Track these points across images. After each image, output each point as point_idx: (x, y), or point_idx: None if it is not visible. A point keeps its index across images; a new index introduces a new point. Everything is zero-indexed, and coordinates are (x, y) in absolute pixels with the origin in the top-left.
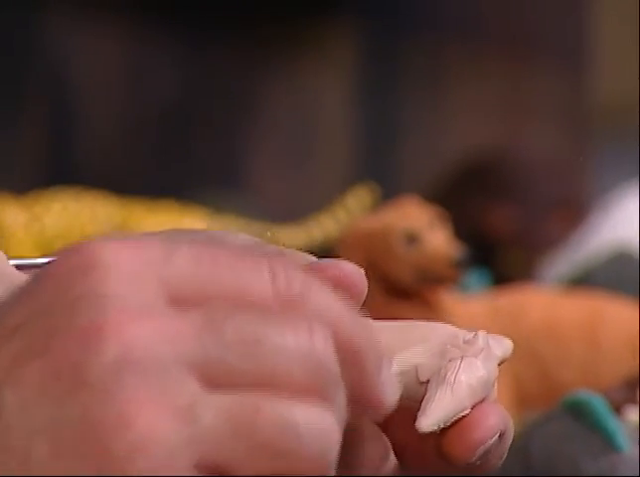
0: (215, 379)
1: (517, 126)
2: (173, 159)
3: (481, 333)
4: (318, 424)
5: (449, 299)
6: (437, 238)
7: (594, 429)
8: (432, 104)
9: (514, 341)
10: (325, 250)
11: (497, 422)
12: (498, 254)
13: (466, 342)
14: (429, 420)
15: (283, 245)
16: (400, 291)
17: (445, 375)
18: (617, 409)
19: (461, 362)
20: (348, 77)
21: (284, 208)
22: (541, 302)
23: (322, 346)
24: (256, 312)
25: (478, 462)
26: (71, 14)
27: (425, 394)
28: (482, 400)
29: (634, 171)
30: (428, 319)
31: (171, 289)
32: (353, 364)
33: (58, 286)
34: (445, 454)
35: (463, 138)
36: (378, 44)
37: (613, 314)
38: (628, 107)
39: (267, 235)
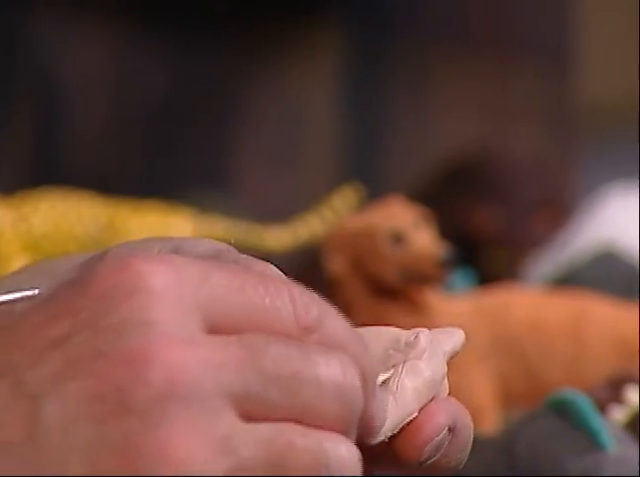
0: (252, 411)
1: (501, 126)
2: (160, 159)
3: (423, 332)
4: (346, 458)
5: (435, 298)
6: (423, 238)
7: (579, 428)
8: (417, 105)
9: (499, 340)
10: (311, 250)
11: (443, 420)
12: (483, 254)
13: (408, 344)
14: (379, 435)
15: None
16: (385, 291)
17: (388, 383)
18: (602, 408)
19: (403, 366)
20: (334, 77)
21: (270, 207)
22: (525, 301)
23: (351, 381)
24: (290, 344)
25: (431, 460)
26: (58, 14)
27: None
28: (431, 400)
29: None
30: (414, 318)
31: (207, 315)
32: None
33: (102, 305)
34: (396, 457)
35: (448, 138)
36: (363, 44)
37: (598, 313)
38: (612, 108)
39: (231, 241)
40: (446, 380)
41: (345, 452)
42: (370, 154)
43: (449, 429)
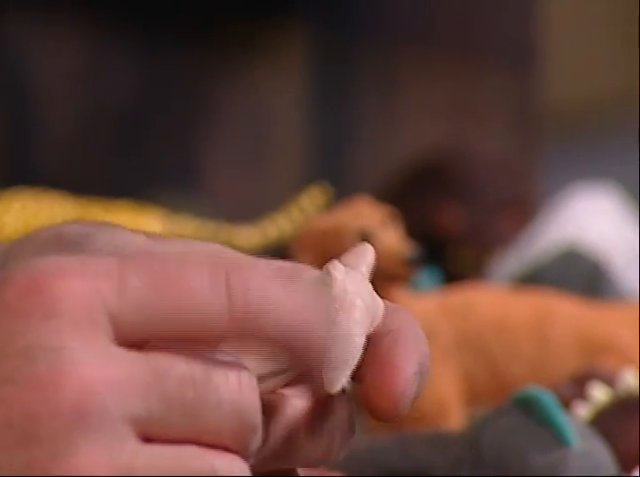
0: (153, 432)
1: (467, 127)
2: (129, 160)
3: (333, 266)
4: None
5: (401, 296)
6: (389, 237)
7: (544, 424)
8: (384, 106)
9: (464, 337)
10: (280, 249)
11: (412, 370)
12: (448, 253)
13: (327, 284)
14: (332, 382)
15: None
16: None
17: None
18: (566, 405)
19: (335, 310)
20: (301, 78)
21: (239, 208)
22: (490, 299)
23: (248, 398)
24: (194, 365)
25: (406, 409)
26: (27, 15)
27: None
28: (372, 325)
29: (581, 171)
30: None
31: (119, 325)
32: (309, 359)
33: (12, 327)
34: (374, 414)
35: (414, 139)
36: (331, 45)
37: (562, 311)
38: (576, 109)
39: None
40: (377, 297)
41: (236, 471)
42: (337, 155)
43: (417, 374)
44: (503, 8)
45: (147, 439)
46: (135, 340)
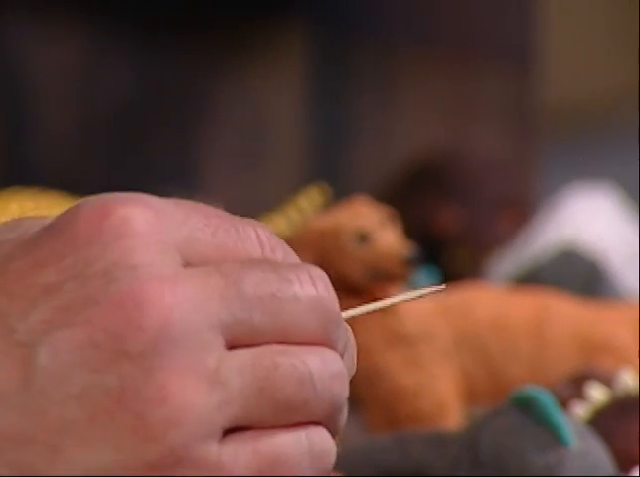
0: (238, 337)
1: (464, 127)
2: (127, 160)
3: None
4: (329, 369)
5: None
6: (387, 237)
7: (542, 424)
8: (382, 106)
9: (462, 337)
10: None
11: None
12: (446, 253)
13: None
14: None
15: None
16: (351, 289)
17: None
18: (564, 405)
19: None
20: (299, 79)
21: (237, 207)
22: (488, 300)
23: (325, 292)
24: (264, 266)
25: None
26: (24, 16)
27: None
28: None
29: (579, 171)
30: (379, 316)
31: (185, 253)
32: None
33: (89, 251)
34: None
35: (412, 139)
36: (328, 46)
37: (559, 311)
38: (573, 109)
39: None
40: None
41: (329, 364)
42: (335, 155)
43: None
44: (501, 9)
45: (235, 343)
46: (201, 263)
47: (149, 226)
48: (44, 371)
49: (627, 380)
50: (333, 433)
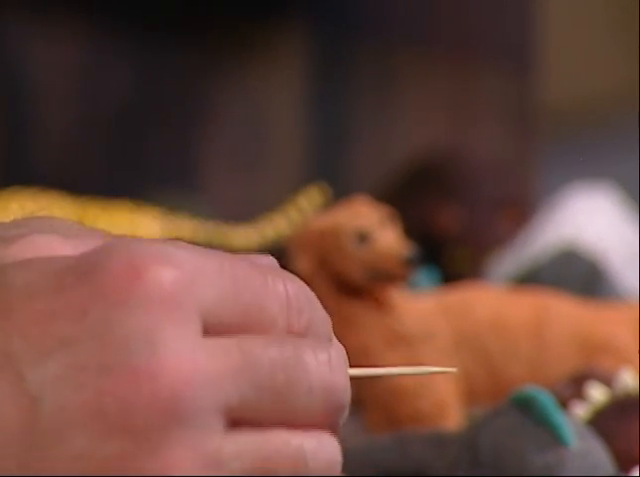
0: (243, 417)
1: (464, 128)
2: (127, 160)
3: None
4: (326, 456)
5: (399, 296)
6: (387, 237)
7: (542, 424)
8: (381, 106)
9: (462, 337)
10: (278, 250)
11: None
12: (446, 253)
13: None
14: None
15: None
16: (351, 289)
17: None
18: (564, 405)
19: None
20: (299, 79)
21: (238, 207)
22: (488, 300)
23: (340, 379)
24: (285, 346)
25: None
26: (26, 15)
27: None
28: None
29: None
30: (379, 316)
31: (207, 318)
32: None
33: (113, 313)
34: None
35: (411, 139)
36: (328, 46)
37: (559, 311)
38: (573, 109)
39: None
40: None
41: (327, 450)
42: (335, 155)
43: None
44: (500, 9)
45: (237, 424)
46: (219, 332)
47: (176, 292)
48: (46, 427)
49: (627, 380)
50: None
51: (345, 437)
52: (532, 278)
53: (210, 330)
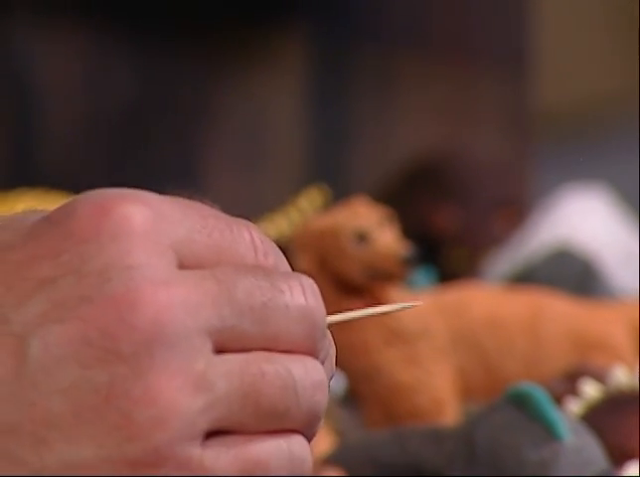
0: (226, 342)
1: (461, 130)
2: (131, 160)
3: None
4: (312, 379)
5: (397, 295)
6: (386, 237)
7: (537, 420)
8: (380, 109)
9: (459, 335)
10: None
11: None
12: (443, 252)
13: None
14: None
15: None
16: (350, 288)
17: None
18: (558, 401)
19: None
20: (300, 81)
21: (239, 208)
22: (484, 298)
23: (314, 302)
24: (258, 273)
25: None
26: (31, 20)
27: None
28: None
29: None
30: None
31: (180, 254)
32: None
33: (86, 249)
34: None
35: (410, 141)
36: (328, 50)
37: (554, 309)
38: (568, 113)
39: None
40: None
41: (312, 373)
42: (335, 157)
43: None
44: (497, 13)
45: (222, 350)
46: (194, 267)
47: (147, 225)
48: (35, 363)
49: (620, 376)
50: (309, 441)
51: (344, 433)
52: (527, 277)
53: (184, 264)
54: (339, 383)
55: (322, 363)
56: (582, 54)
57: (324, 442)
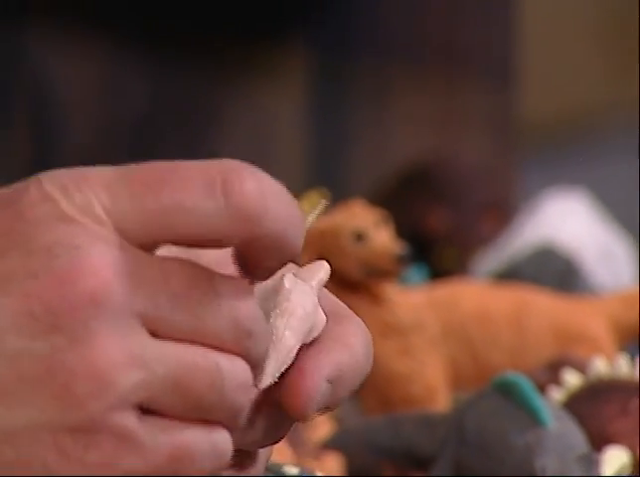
0: (159, 330)
1: (451, 137)
2: None
3: (286, 276)
4: (238, 379)
5: (392, 291)
6: (382, 237)
7: (522, 407)
8: (376, 118)
9: (449, 328)
10: None
11: (321, 377)
12: (435, 251)
13: (275, 291)
14: (261, 379)
15: None
16: (348, 284)
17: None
18: (541, 389)
19: (274, 312)
20: (301, 93)
21: None
22: (473, 293)
23: (246, 304)
24: (198, 271)
25: (315, 413)
26: (53, 36)
27: None
28: (312, 340)
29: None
30: (374, 308)
31: (125, 231)
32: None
33: (36, 226)
34: (286, 411)
35: (403, 148)
36: (327, 64)
37: (537, 304)
38: (551, 122)
39: None
40: (321, 310)
41: (239, 370)
42: (334, 162)
43: (330, 381)
44: (485, 30)
45: (156, 336)
46: (141, 243)
47: (88, 208)
48: None
49: (599, 366)
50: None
51: (343, 419)
52: (512, 274)
53: (133, 241)
54: None
55: (252, 363)
56: (564, 68)
57: (324, 428)
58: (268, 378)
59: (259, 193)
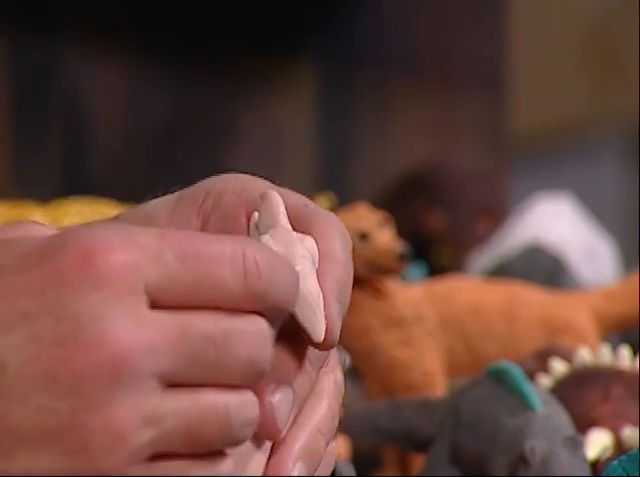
0: (178, 382)
1: (448, 146)
2: (166, 173)
3: (268, 239)
4: (245, 416)
5: (394, 286)
6: (384, 237)
7: (513, 393)
8: (379, 129)
9: (446, 320)
10: None
11: (335, 293)
12: (433, 250)
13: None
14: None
15: None
16: (354, 280)
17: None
18: (531, 376)
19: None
20: (309, 105)
21: None
22: (467, 288)
23: (263, 350)
24: (218, 322)
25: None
26: (81, 50)
27: None
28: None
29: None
30: (377, 303)
31: (155, 295)
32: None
33: (67, 293)
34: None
35: (404, 156)
36: (334, 77)
37: (527, 298)
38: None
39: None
40: (305, 237)
41: (248, 406)
42: (340, 168)
43: (338, 301)
44: (478, 47)
45: (171, 387)
46: (167, 305)
47: (122, 276)
48: (10, 385)
49: (584, 355)
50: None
51: (348, 403)
52: (504, 271)
53: (157, 302)
54: (345, 360)
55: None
56: (553, 82)
57: None
58: (321, 330)
59: (270, 268)
